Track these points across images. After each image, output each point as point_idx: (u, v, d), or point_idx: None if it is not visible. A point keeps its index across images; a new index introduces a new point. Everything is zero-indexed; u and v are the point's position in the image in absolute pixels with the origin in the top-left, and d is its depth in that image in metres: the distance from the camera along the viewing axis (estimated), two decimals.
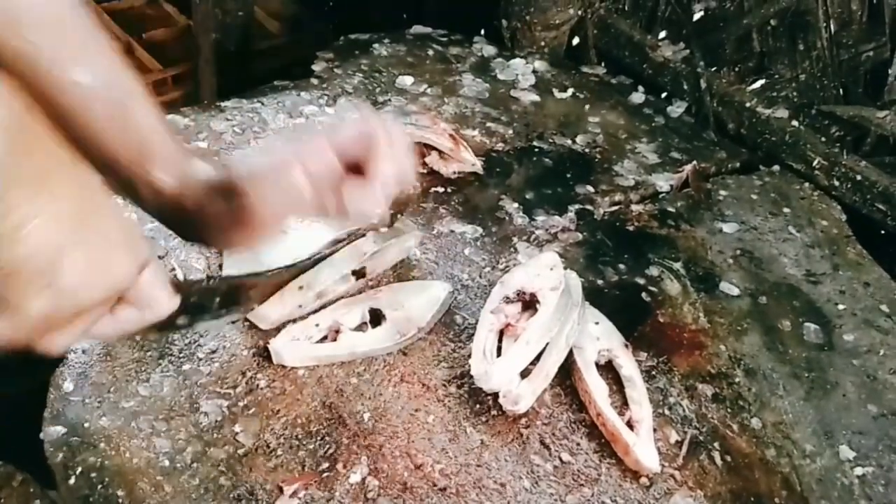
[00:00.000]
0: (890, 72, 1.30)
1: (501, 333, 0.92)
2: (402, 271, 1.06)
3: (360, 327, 0.95)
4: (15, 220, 0.47)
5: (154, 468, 0.80)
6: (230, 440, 0.84)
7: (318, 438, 0.85)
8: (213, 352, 0.93)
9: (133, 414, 0.85)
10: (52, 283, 0.50)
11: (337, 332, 0.92)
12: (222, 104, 1.33)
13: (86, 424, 0.83)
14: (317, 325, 0.92)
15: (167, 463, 0.81)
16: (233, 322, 0.94)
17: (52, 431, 0.82)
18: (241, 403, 0.88)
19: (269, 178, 0.73)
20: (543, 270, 0.96)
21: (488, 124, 1.38)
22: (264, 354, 0.92)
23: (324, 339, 0.93)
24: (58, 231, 0.49)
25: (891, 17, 1.28)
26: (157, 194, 0.79)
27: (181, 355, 0.92)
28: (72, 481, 0.78)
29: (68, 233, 0.50)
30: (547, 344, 0.89)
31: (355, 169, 0.69)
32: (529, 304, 0.93)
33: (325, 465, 0.82)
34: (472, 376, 0.88)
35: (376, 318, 0.96)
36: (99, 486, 0.78)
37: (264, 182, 0.73)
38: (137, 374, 0.89)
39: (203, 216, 0.84)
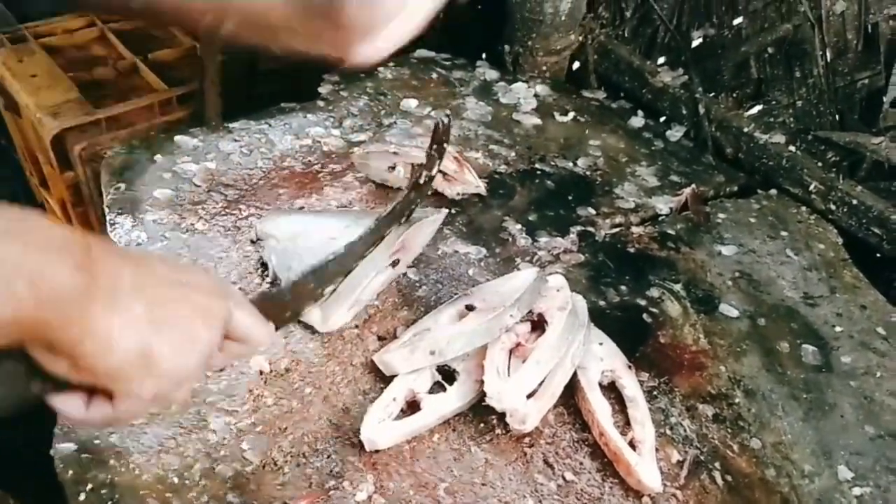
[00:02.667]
0: (885, 99, 1.32)
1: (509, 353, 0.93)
2: (407, 291, 1.07)
3: (434, 388, 0.93)
4: (101, 335, 0.55)
5: (163, 484, 0.81)
6: (238, 457, 0.85)
7: (325, 456, 0.86)
8: (222, 370, 0.94)
9: (142, 431, 0.86)
10: (150, 373, 0.58)
11: (414, 400, 0.90)
12: (230, 125, 1.36)
13: (96, 441, 0.84)
14: (394, 399, 0.89)
15: (176, 480, 0.82)
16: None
17: (63, 448, 0.83)
18: (248, 421, 0.89)
19: None
20: (550, 291, 0.97)
21: (491, 147, 1.40)
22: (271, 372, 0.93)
23: (402, 409, 0.90)
24: (137, 332, 0.56)
25: (885, 46, 1.30)
26: None
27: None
28: (82, 497, 0.79)
29: (147, 330, 0.57)
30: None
31: None
32: (537, 324, 0.95)
33: (332, 482, 0.84)
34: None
35: (447, 374, 0.94)
36: (109, 503, 0.79)
37: None
38: None
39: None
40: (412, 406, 0.90)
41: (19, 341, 0.53)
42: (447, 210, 1.07)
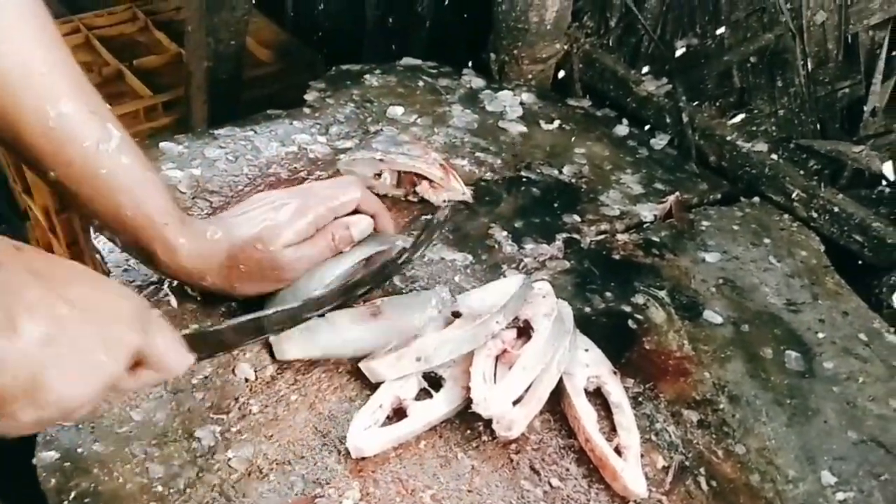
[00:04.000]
0: (865, 108, 1.34)
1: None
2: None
3: (420, 395, 0.92)
4: None
5: (148, 493, 0.80)
6: (224, 465, 0.84)
7: (311, 464, 0.86)
8: (206, 378, 0.93)
9: (126, 439, 0.85)
10: (34, 401, 0.55)
11: (400, 407, 0.90)
12: (215, 132, 1.35)
13: (79, 450, 0.83)
14: (380, 405, 0.88)
15: (160, 488, 0.81)
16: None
17: (45, 457, 0.82)
18: (234, 429, 0.88)
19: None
20: (536, 298, 0.98)
21: (477, 154, 1.41)
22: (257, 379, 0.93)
23: (388, 416, 0.90)
24: (27, 357, 0.53)
25: (865, 56, 1.33)
26: (174, 257, 0.87)
27: (174, 381, 0.92)
28: None
29: (38, 357, 0.54)
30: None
31: None
32: (523, 330, 0.95)
33: (318, 490, 0.83)
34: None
35: (433, 380, 0.93)
36: None
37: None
38: (131, 399, 0.89)
39: (217, 276, 0.91)
40: (398, 413, 0.90)
41: None
42: (410, 240, 1.07)
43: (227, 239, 0.92)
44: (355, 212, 1.00)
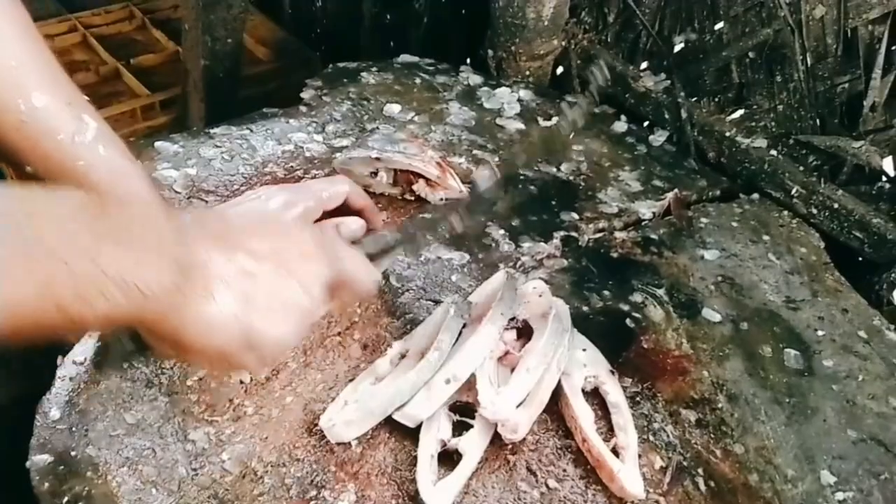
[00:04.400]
0: (864, 103, 1.33)
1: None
2: (390, 298, 1.07)
3: (455, 426, 0.89)
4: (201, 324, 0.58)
5: (141, 496, 0.80)
6: (218, 468, 0.84)
7: (306, 465, 0.85)
8: (201, 379, 0.93)
9: (120, 442, 0.85)
10: (254, 349, 0.62)
11: (446, 450, 0.87)
12: (211, 131, 1.34)
13: (73, 453, 0.83)
14: (431, 456, 0.85)
15: (154, 491, 0.81)
16: None
17: (39, 460, 0.82)
18: (228, 431, 0.88)
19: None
20: (532, 297, 0.97)
21: (475, 151, 1.40)
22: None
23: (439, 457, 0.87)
24: (235, 316, 0.60)
25: (864, 51, 1.31)
26: None
27: (169, 383, 0.92)
28: None
29: (243, 311, 0.60)
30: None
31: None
32: (522, 331, 0.95)
33: (313, 492, 0.83)
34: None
35: (462, 410, 0.90)
36: None
37: None
38: (125, 402, 0.89)
39: None
40: (444, 454, 0.87)
41: (119, 327, 0.60)
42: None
43: None
44: (348, 213, 0.98)
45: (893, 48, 1.28)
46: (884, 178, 1.34)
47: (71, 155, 0.77)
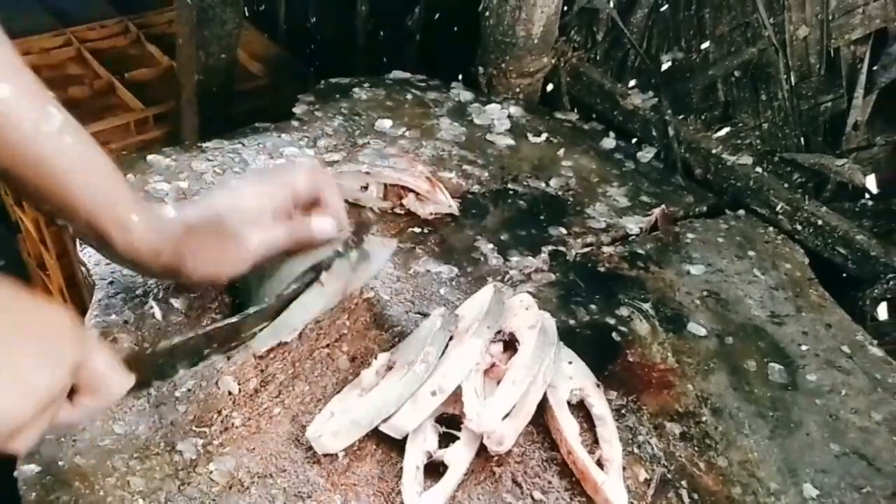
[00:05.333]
0: (847, 121, 1.35)
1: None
2: (378, 310, 1.08)
3: (443, 441, 0.89)
4: None
5: None
6: (205, 479, 0.84)
7: (293, 476, 0.86)
8: (189, 391, 0.93)
9: (108, 452, 0.85)
10: None
11: (432, 461, 0.88)
12: (203, 145, 1.36)
13: (60, 463, 0.83)
14: (417, 467, 0.86)
15: (142, 501, 0.81)
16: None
17: (26, 470, 0.82)
18: (216, 442, 0.88)
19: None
20: (519, 310, 0.98)
21: (465, 167, 1.42)
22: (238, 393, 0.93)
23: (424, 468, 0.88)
24: None
25: (847, 70, 1.34)
26: (127, 236, 0.86)
27: (157, 394, 0.92)
28: None
29: None
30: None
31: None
32: (508, 343, 0.96)
33: (299, 503, 0.83)
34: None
35: (448, 422, 0.91)
36: None
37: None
38: (113, 412, 0.89)
39: (173, 254, 0.90)
40: (430, 465, 0.88)
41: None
42: (395, 242, 1.04)
43: (184, 216, 0.89)
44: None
45: (875, 68, 1.31)
46: (867, 196, 1.36)
47: (36, 146, 0.75)
